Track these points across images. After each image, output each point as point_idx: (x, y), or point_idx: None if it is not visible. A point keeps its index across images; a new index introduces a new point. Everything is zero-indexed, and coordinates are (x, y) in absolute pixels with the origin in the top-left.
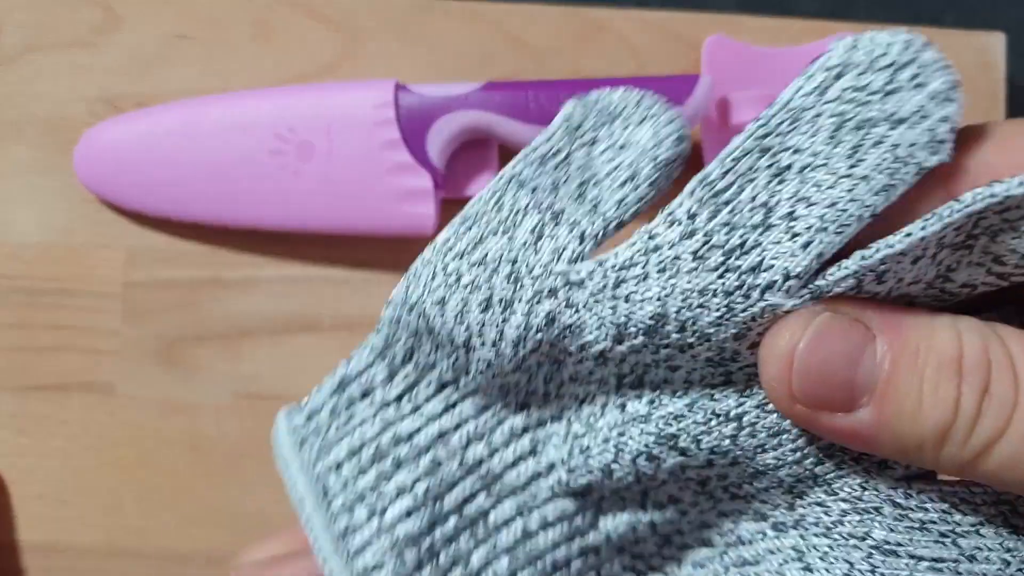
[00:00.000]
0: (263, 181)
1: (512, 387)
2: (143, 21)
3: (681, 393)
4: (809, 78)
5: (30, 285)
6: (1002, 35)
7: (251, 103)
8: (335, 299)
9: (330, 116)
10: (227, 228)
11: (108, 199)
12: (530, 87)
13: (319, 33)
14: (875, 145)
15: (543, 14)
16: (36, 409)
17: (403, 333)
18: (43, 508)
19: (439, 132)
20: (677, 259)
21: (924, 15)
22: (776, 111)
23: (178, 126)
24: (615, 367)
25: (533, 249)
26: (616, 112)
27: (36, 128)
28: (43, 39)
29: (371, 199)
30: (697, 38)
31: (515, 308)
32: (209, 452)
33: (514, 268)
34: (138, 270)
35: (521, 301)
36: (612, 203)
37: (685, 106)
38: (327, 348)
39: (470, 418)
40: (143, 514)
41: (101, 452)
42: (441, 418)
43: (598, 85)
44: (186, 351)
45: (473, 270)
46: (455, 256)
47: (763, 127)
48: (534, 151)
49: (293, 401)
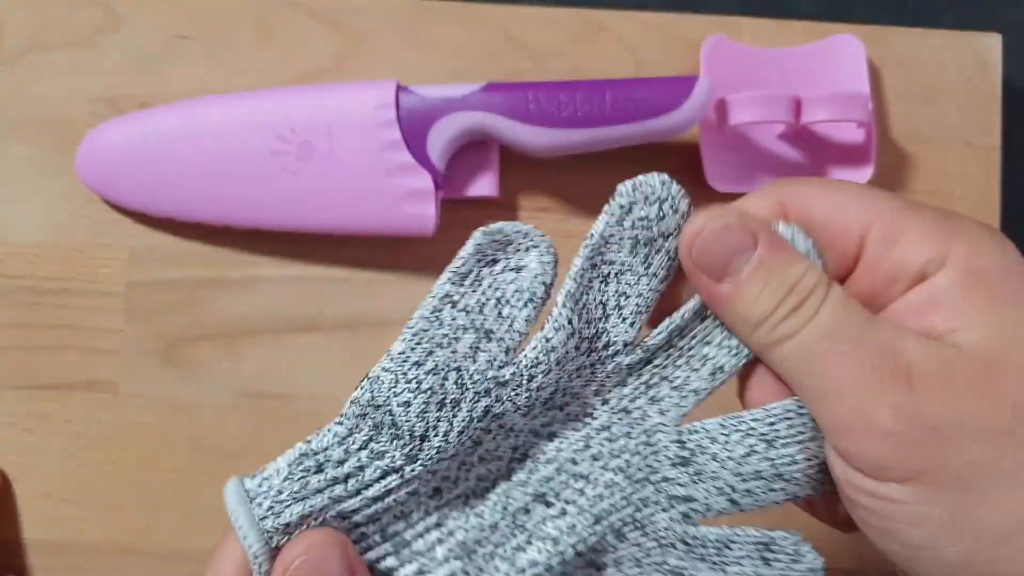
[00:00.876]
0: (265, 181)
1: (440, 474)
2: (144, 21)
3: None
4: (611, 215)
5: (33, 285)
6: (999, 36)
7: (252, 104)
8: (336, 299)
9: (331, 117)
10: (229, 228)
11: (111, 200)
12: (530, 88)
13: (320, 34)
14: (657, 252)
15: (544, 16)
16: (39, 408)
17: (365, 426)
18: (46, 506)
19: (440, 133)
20: (567, 353)
21: (922, 16)
22: (595, 239)
23: (179, 127)
24: (512, 439)
25: (472, 359)
26: (509, 240)
27: (37, 128)
28: (44, 39)
29: (372, 199)
30: (696, 39)
31: (462, 407)
32: (210, 450)
33: (459, 376)
34: (140, 270)
35: (466, 401)
36: (521, 319)
37: (683, 107)
38: (328, 347)
39: (399, 502)
40: (145, 512)
41: (103, 451)
42: (377, 503)
43: (597, 85)
44: (188, 350)
45: (429, 378)
46: (412, 366)
47: (591, 251)
48: (455, 272)
49: (294, 400)
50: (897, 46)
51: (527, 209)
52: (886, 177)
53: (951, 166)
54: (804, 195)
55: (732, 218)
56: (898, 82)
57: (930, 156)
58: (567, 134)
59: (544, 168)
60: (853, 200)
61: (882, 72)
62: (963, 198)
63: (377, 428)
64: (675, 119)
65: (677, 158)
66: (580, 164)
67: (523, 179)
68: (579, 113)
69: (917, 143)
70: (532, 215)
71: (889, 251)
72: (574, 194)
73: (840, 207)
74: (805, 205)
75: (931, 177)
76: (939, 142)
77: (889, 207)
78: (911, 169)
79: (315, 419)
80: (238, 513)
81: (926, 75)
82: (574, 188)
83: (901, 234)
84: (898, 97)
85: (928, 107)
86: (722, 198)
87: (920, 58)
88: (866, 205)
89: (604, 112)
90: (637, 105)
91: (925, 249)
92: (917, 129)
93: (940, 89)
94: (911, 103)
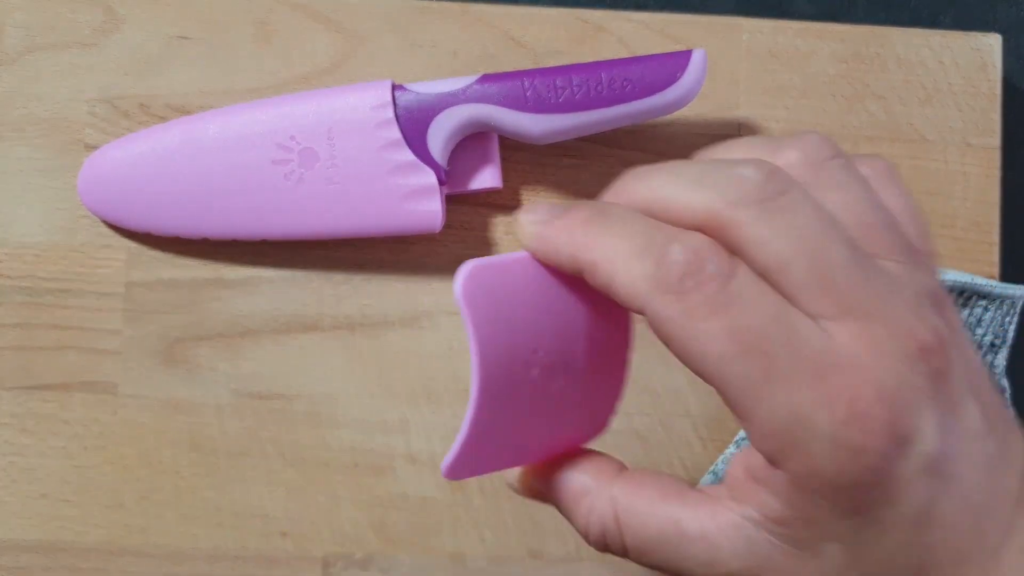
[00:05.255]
0: (268, 191)
1: None
2: (144, 22)
3: None
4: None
5: (32, 285)
6: (999, 36)
7: (249, 115)
8: (336, 299)
9: (330, 121)
10: (237, 242)
11: (116, 223)
12: (525, 75)
13: (319, 35)
14: None
15: (541, 15)
16: (38, 409)
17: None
18: (45, 507)
19: (439, 128)
20: None
21: (922, 16)
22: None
23: (178, 144)
24: None
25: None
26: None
27: (37, 128)
28: (44, 39)
29: (377, 200)
30: (695, 40)
31: None
32: (210, 451)
33: None
34: (140, 270)
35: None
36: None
37: (680, 82)
38: (328, 348)
39: None
40: (145, 513)
41: (103, 451)
42: None
43: (592, 67)
44: (188, 351)
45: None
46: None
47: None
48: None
49: (295, 400)
50: (897, 46)
51: (530, 200)
52: None
53: (951, 166)
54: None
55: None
56: (897, 82)
57: (930, 156)
58: (566, 119)
59: (544, 155)
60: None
61: (882, 72)
62: (963, 198)
63: None
64: (673, 94)
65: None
66: (581, 147)
67: (523, 168)
68: (576, 97)
69: (916, 143)
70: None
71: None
72: (577, 179)
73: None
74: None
75: (931, 177)
76: (939, 142)
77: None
78: (911, 169)
79: (315, 419)
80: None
81: (926, 75)
82: (576, 173)
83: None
84: (897, 97)
85: (928, 107)
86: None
87: (920, 58)
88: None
89: (601, 94)
90: (634, 84)
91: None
92: (916, 129)
93: (940, 89)
94: (910, 103)
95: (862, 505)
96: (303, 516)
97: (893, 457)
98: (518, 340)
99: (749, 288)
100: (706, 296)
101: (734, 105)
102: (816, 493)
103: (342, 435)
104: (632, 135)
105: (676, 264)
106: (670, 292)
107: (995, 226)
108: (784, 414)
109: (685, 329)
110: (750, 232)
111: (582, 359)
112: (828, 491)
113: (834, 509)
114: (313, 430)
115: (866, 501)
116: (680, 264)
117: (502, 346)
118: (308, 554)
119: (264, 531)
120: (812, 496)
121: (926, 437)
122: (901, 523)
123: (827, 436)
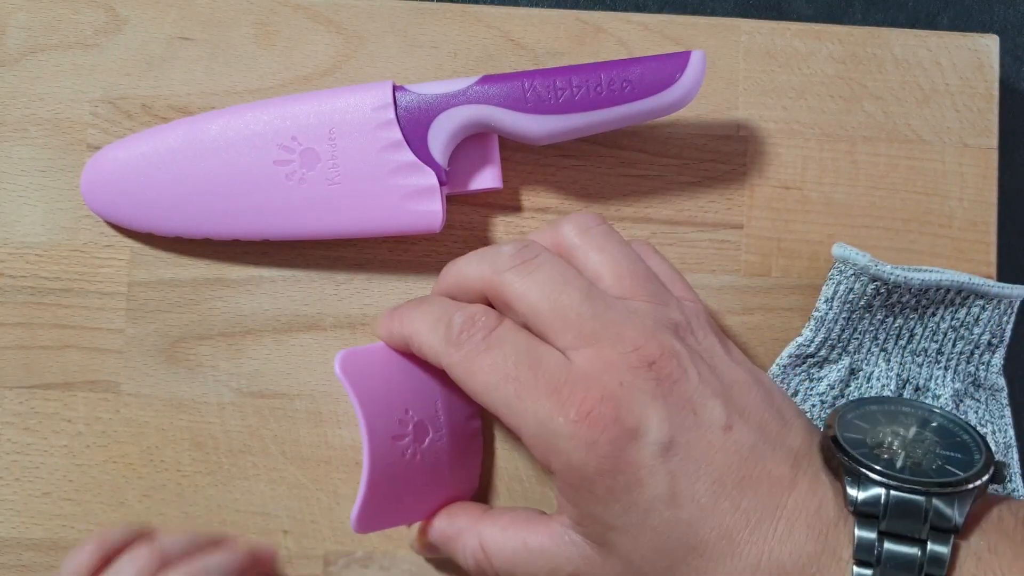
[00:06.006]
0: (270, 192)
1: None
2: (146, 22)
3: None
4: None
5: (34, 284)
6: (996, 37)
7: (251, 116)
8: (337, 298)
9: (331, 122)
10: (238, 241)
11: (119, 224)
12: (525, 77)
13: (320, 36)
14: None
15: (541, 17)
16: (41, 407)
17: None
18: (48, 505)
19: (440, 129)
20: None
21: (919, 17)
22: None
23: (180, 145)
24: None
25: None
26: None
27: (40, 128)
28: (46, 40)
29: (378, 201)
30: (694, 41)
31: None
32: (212, 449)
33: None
34: (142, 269)
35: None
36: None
37: (679, 82)
38: (329, 347)
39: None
40: (147, 511)
41: (106, 450)
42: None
43: (592, 68)
44: (190, 349)
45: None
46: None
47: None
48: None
49: (295, 399)
50: (894, 47)
51: (529, 200)
52: (885, 179)
53: (948, 166)
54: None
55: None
56: (895, 83)
57: (927, 156)
58: (566, 120)
59: (544, 155)
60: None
61: (879, 73)
62: (960, 199)
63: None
64: (672, 95)
65: (679, 137)
66: (581, 147)
67: (522, 168)
68: (576, 98)
69: (914, 143)
70: (534, 207)
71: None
72: (577, 179)
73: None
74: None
75: (928, 178)
76: (936, 142)
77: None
78: (908, 170)
79: (316, 418)
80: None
81: (923, 76)
82: (576, 173)
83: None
84: (895, 98)
85: (925, 108)
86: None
87: (917, 59)
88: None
89: (601, 95)
90: (633, 85)
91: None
92: (914, 129)
93: (937, 90)
94: (908, 104)
95: (616, 489)
96: (304, 514)
97: (624, 445)
98: (393, 400)
99: (508, 334)
100: (476, 344)
101: (733, 106)
102: (579, 487)
103: (343, 433)
104: (632, 136)
105: (457, 325)
106: (452, 345)
107: (992, 226)
108: (534, 423)
109: (464, 370)
110: (511, 290)
111: (443, 414)
112: (585, 482)
113: (597, 498)
114: (314, 428)
115: (617, 486)
116: (459, 324)
117: (380, 402)
118: (309, 552)
119: (265, 528)
120: (579, 490)
121: (653, 428)
122: (656, 503)
123: (567, 435)
